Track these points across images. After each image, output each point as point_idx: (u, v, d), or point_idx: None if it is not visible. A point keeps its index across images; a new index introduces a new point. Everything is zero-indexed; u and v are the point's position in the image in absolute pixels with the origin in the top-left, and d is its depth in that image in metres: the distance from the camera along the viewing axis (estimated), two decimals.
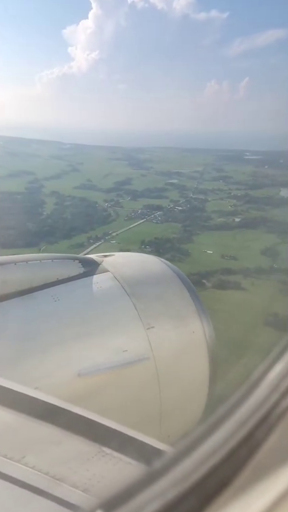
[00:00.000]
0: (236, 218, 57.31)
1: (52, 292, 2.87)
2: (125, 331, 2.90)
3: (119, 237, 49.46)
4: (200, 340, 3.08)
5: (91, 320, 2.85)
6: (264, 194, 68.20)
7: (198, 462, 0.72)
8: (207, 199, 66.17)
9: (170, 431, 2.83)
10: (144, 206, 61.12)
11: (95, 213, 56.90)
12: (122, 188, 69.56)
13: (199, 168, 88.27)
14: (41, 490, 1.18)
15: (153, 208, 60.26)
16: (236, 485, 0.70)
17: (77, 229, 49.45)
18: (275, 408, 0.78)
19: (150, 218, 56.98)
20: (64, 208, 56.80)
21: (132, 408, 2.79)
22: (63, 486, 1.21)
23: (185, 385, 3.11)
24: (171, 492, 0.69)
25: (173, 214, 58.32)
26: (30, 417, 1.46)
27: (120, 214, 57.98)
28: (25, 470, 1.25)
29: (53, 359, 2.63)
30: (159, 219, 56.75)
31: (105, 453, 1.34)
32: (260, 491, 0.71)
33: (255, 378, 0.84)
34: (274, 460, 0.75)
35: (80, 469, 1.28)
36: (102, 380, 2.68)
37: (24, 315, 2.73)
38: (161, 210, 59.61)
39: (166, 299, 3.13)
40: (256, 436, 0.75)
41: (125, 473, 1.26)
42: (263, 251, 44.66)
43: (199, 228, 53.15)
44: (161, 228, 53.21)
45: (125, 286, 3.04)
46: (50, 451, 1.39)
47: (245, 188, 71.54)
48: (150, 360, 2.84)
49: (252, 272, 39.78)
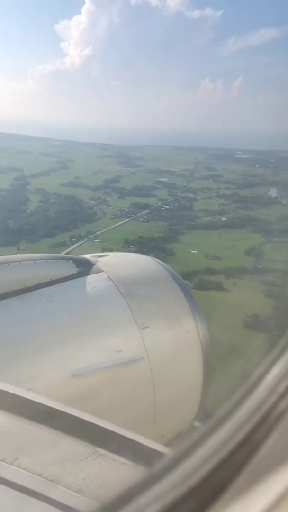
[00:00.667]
0: (223, 217, 57.00)
1: (46, 292, 2.84)
2: (120, 331, 2.89)
3: (103, 236, 48.86)
4: (194, 340, 3.09)
5: (85, 320, 2.83)
6: (253, 193, 68.12)
7: (197, 464, 0.72)
8: (196, 198, 65.82)
9: (164, 431, 2.86)
10: (132, 205, 60.51)
11: (80, 211, 56.12)
12: (111, 186, 68.88)
13: (190, 166, 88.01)
14: (35, 491, 1.18)
15: (140, 206, 59.69)
16: (235, 487, 0.70)
17: (60, 228, 48.65)
18: (273, 410, 0.78)
19: (137, 216, 56.41)
20: (48, 206, 55.99)
21: (127, 408, 2.76)
22: (57, 487, 1.20)
23: (179, 385, 3.10)
24: (170, 495, 0.69)
25: (160, 213, 57.77)
26: (23, 419, 1.45)
27: (106, 212, 57.32)
28: (18, 472, 1.24)
29: (47, 360, 2.60)
30: (145, 218, 56.21)
31: (99, 453, 1.34)
32: (258, 493, 0.71)
33: (253, 380, 0.83)
34: (273, 462, 0.75)
35: (74, 470, 1.28)
36: (97, 380, 2.66)
37: (17, 315, 2.70)
38: (148, 208, 59.06)
39: (160, 299, 3.13)
40: (254, 438, 0.75)
41: (119, 474, 1.26)
42: (248, 251, 44.40)
43: (185, 227, 52.72)
44: (147, 227, 52.68)
45: (119, 286, 3.03)
46: (44, 452, 1.37)
47: (234, 187, 71.37)
48: (144, 360, 2.82)
49: (234, 272, 39.49)
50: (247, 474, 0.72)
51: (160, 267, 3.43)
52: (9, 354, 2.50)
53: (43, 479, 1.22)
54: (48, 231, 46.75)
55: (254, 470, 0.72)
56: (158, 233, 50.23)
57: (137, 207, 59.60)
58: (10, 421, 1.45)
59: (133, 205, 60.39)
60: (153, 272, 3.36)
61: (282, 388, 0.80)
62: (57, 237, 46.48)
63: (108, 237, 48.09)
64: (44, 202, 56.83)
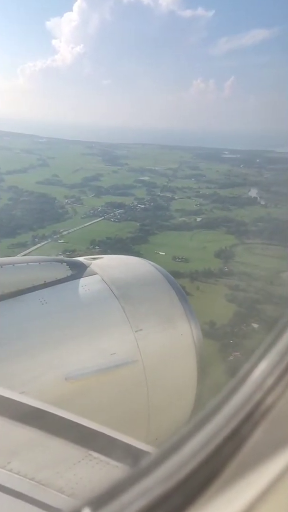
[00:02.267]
0: (198, 217, 55.66)
1: (40, 295, 2.83)
2: (113, 333, 2.88)
3: (68, 237, 47.29)
4: (188, 343, 3.08)
5: (79, 323, 2.83)
6: (233, 193, 67.06)
7: (184, 459, 0.73)
8: (174, 197, 64.59)
9: (158, 434, 2.82)
10: (106, 204, 59.10)
11: (50, 210, 54.42)
12: (89, 184, 67.55)
13: (174, 165, 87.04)
14: (27, 496, 1.18)
15: (114, 205, 58.23)
16: (221, 480, 0.72)
17: (25, 227, 46.90)
18: (259, 406, 0.79)
19: (109, 216, 54.94)
20: (17, 204, 54.24)
21: (120, 411, 2.76)
22: (49, 491, 1.20)
23: (173, 388, 3.09)
24: (156, 490, 0.70)
25: (134, 213, 56.35)
26: (15, 422, 1.45)
27: (78, 211, 55.77)
28: (10, 476, 1.24)
29: (41, 363, 2.58)
30: (118, 217, 54.75)
31: (92, 457, 1.34)
32: (244, 486, 0.72)
33: (240, 376, 0.84)
34: (259, 456, 0.76)
35: (67, 473, 1.27)
36: (90, 383, 2.66)
37: (11, 318, 2.69)
38: (123, 208, 57.57)
39: (154, 301, 3.14)
40: (241, 433, 0.76)
41: (113, 477, 1.24)
42: (217, 253, 43.14)
43: (158, 227, 51.40)
44: (118, 227, 51.23)
45: (113, 289, 3.02)
46: (36, 456, 1.37)
47: (215, 187, 70.56)
48: (138, 363, 2.83)
49: (200, 275, 38.14)
50: (233, 467, 0.73)
51: (154, 269, 3.40)
52: (2, 357, 2.48)
53: (36, 483, 1.22)
54: (10, 231, 45.09)
55: (241, 464, 0.74)
56: (128, 233, 48.86)
57: (111, 206, 58.14)
58: (2, 425, 1.43)
59: (108, 204, 58.96)
60: (147, 274, 3.34)
61: (268, 384, 0.82)
62: (19, 237, 44.79)
63: (74, 238, 46.52)
64: (13, 200, 55.11)
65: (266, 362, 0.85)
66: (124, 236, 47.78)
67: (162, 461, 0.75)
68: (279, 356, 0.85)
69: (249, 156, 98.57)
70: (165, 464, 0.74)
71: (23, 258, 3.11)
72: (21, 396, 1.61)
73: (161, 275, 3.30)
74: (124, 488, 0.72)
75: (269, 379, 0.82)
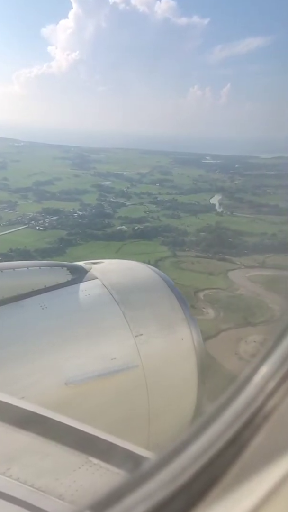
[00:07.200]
0: (139, 226, 49.26)
1: (40, 299, 2.82)
2: (114, 338, 2.87)
3: None
4: (188, 348, 3.07)
5: (79, 327, 2.82)
6: (192, 199, 60.90)
7: (186, 464, 0.73)
8: (125, 203, 58.53)
9: (158, 439, 2.82)
10: (43, 210, 53.39)
11: None
12: (38, 189, 62.26)
13: (145, 170, 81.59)
14: (26, 502, 1.16)
15: (49, 212, 52.26)
16: (223, 485, 0.71)
17: None
18: (261, 410, 0.78)
19: (36, 224, 48.99)
20: None
21: (121, 416, 2.73)
22: (49, 498, 1.18)
23: (173, 393, 3.08)
24: (158, 494, 0.70)
25: (67, 220, 50.40)
26: (15, 428, 1.43)
27: (3, 218, 49.91)
28: (9, 482, 1.22)
29: (41, 368, 2.58)
30: (46, 225, 48.67)
31: (92, 463, 1.32)
32: (246, 491, 0.71)
33: (241, 380, 0.84)
34: (260, 461, 0.76)
35: (67, 480, 1.25)
36: (90, 388, 2.65)
37: (11, 323, 2.69)
38: (58, 214, 51.55)
39: (154, 306, 3.11)
40: (242, 437, 0.76)
41: (112, 483, 1.19)
42: None
43: (85, 237, 45.32)
44: (40, 235, 45.44)
45: (114, 293, 3.00)
46: (36, 462, 1.35)
47: (177, 193, 64.60)
48: (138, 368, 2.82)
49: None
50: (235, 472, 0.72)
51: (154, 274, 3.31)
52: (2, 362, 2.47)
53: (35, 489, 1.20)
54: None
55: (242, 469, 0.73)
56: (47, 243, 42.77)
57: (46, 213, 52.23)
58: (2, 430, 1.42)
59: (44, 210, 53.17)
60: (148, 279, 3.26)
61: (270, 387, 0.81)
62: None
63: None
64: None
65: (267, 366, 0.84)
66: (42, 246, 41.78)
67: (163, 466, 0.74)
68: (280, 360, 0.84)
69: (230, 161, 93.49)
70: (167, 469, 0.73)
71: (24, 263, 3.06)
72: (21, 402, 1.59)
73: (161, 280, 3.24)
74: (125, 493, 0.71)
75: (270, 383, 0.81)
